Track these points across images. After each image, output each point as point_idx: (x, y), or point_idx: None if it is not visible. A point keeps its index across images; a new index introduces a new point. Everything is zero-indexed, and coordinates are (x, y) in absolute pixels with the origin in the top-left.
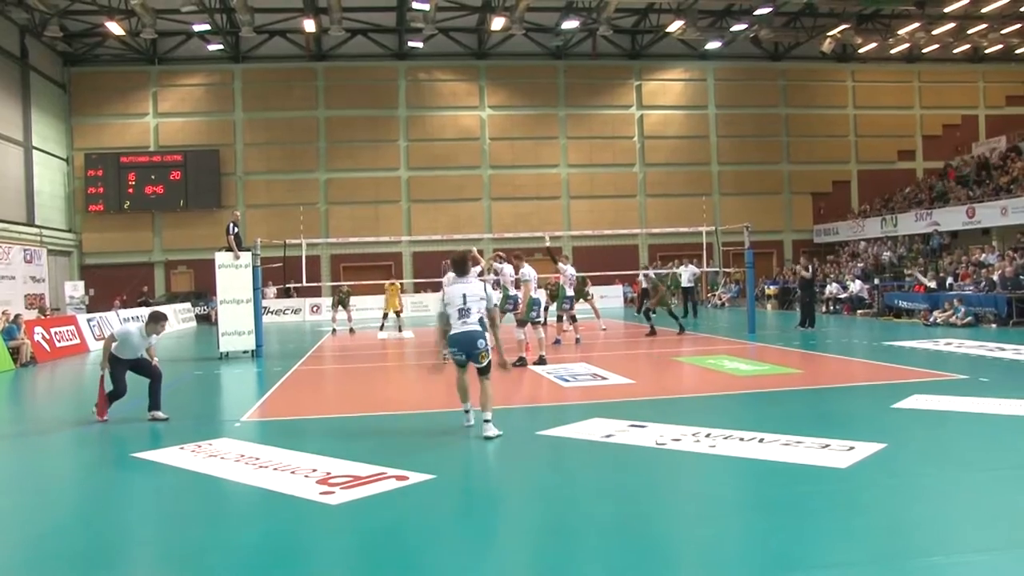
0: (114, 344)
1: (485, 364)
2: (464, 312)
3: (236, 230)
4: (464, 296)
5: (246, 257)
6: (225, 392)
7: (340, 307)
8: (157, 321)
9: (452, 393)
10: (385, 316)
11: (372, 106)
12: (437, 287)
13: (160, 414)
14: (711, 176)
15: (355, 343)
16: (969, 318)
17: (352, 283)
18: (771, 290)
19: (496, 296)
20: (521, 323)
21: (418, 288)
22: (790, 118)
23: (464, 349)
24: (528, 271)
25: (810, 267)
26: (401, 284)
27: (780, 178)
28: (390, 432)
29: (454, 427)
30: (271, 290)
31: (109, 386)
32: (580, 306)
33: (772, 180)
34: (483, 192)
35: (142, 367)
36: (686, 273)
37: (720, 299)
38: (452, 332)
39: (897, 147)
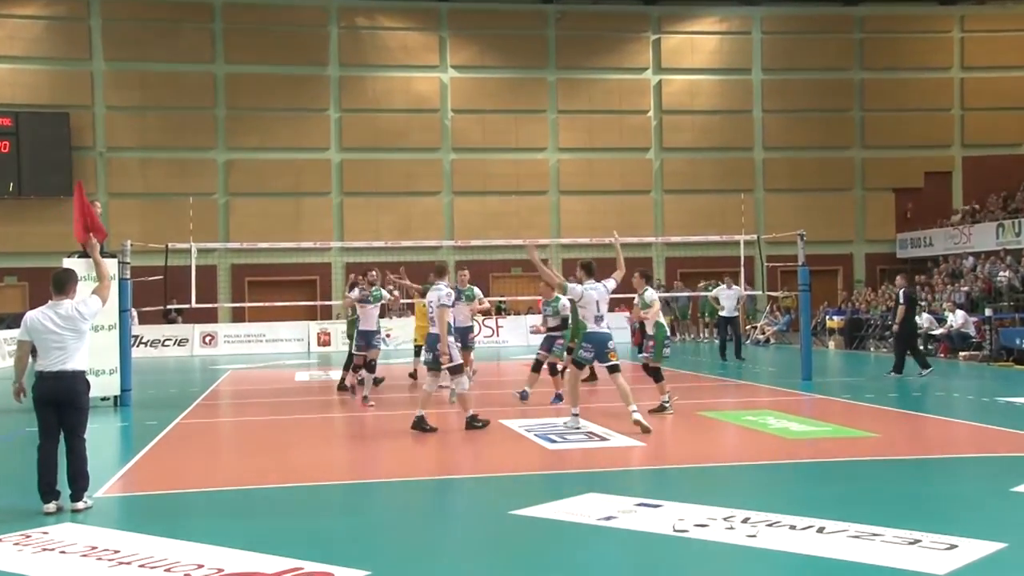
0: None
1: (614, 363)
2: (599, 318)
3: None
4: (597, 303)
5: (109, 266)
6: None
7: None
8: (70, 281)
9: (396, 457)
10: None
11: (291, 61)
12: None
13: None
14: (753, 165)
15: (265, 386)
16: None
17: (263, 304)
18: (834, 322)
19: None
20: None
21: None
22: (867, 85)
23: (597, 348)
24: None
25: (900, 291)
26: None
27: (850, 168)
28: (310, 511)
29: (397, 504)
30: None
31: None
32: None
33: (839, 171)
34: (443, 183)
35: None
36: (728, 298)
37: (763, 333)
38: (588, 331)
39: None
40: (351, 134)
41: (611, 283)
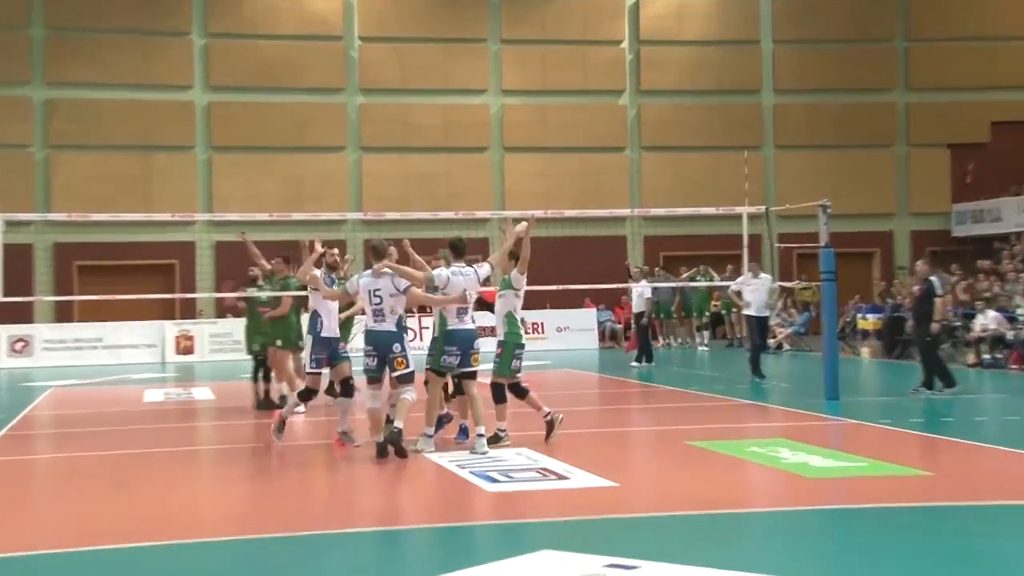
0: None
1: (473, 368)
2: (463, 312)
3: None
4: (467, 293)
5: None
6: None
7: None
8: None
9: (287, 504)
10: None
11: None
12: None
13: None
14: (761, 114)
15: (101, 410)
16: None
17: (99, 297)
18: (868, 322)
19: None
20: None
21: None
22: (914, 7)
23: (462, 350)
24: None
25: (933, 279)
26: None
27: (890, 118)
28: None
29: (288, 568)
30: None
31: None
32: None
33: (875, 122)
34: (348, 136)
35: None
36: (755, 290)
37: (774, 336)
38: (449, 328)
39: None
40: (222, 68)
41: (484, 269)
